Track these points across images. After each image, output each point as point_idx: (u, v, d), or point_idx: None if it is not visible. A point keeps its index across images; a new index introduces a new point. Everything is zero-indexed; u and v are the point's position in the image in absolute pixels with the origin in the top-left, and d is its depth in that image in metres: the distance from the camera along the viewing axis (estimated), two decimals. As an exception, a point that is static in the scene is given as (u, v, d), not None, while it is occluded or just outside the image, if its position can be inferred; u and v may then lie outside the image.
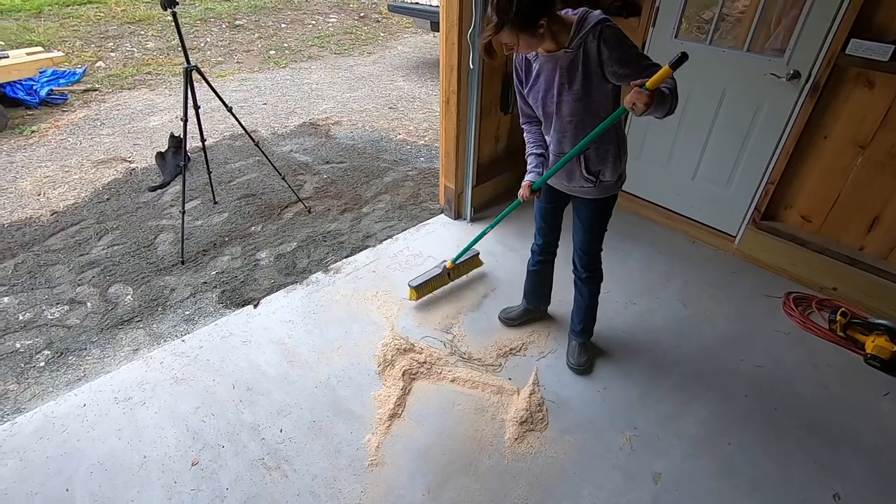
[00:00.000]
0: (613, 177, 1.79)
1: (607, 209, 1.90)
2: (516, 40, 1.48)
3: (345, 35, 7.44)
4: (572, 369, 2.21)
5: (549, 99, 1.67)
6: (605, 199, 1.86)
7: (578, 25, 1.50)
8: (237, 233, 3.09)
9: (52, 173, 3.71)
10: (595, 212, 1.89)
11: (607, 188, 1.82)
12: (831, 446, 1.94)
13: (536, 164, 1.91)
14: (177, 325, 2.44)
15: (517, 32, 1.46)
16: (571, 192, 1.90)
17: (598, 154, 1.73)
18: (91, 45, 6.25)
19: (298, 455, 1.86)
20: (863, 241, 2.50)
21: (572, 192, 1.89)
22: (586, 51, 1.51)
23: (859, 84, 2.26)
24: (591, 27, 1.48)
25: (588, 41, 1.49)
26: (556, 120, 1.70)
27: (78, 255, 2.88)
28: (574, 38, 1.51)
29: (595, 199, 1.85)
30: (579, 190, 1.84)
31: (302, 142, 4.28)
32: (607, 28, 1.48)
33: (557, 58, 1.56)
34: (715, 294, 2.65)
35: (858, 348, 2.32)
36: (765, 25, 2.46)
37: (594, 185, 1.79)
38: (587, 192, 1.84)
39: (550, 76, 1.62)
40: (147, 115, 4.72)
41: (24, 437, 1.89)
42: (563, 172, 1.81)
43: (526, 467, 1.84)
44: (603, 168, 1.75)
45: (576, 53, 1.52)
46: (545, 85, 1.66)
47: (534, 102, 1.74)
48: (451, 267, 2.54)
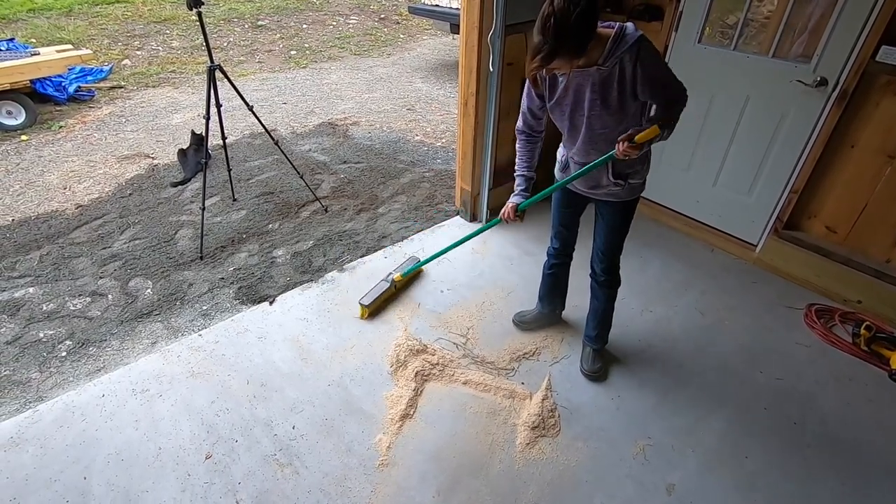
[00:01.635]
0: (641, 178, 1.78)
1: (632, 210, 1.89)
2: (568, 66, 1.43)
3: (365, 36, 7.50)
4: (585, 376, 2.19)
5: (579, 113, 1.63)
6: (629, 201, 1.85)
7: (615, 43, 1.46)
8: (255, 230, 3.13)
9: (78, 168, 3.80)
10: (621, 213, 1.87)
11: (635, 189, 1.81)
12: (854, 464, 1.88)
13: (525, 186, 1.91)
14: (194, 319, 2.48)
15: (570, 57, 1.40)
16: (597, 197, 1.87)
17: (624, 166, 1.72)
18: (118, 43, 6.39)
19: (310, 452, 1.87)
20: (890, 253, 2.43)
21: (598, 196, 1.86)
22: (622, 69, 1.48)
23: (889, 92, 2.21)
24: (629, 46, 1.45)
25: (625, 60, 1.47)
26: (586, 132, 1.66)
27: (100, 249, 2.94)
28: (610, 56, 1.47)
29: (620, 201, 1.83)
30: (606, 194, 1.82)
31: (320, 141, 4.32)
32: (644, 49, 1.45)
33: (589, 74, 1.52)
34: (734, 304, 2.60)
35: (883, 363, 2.26)
36: (791, 31, 2.42)
37: (622, 187, 1.77)
38: (615, 196, 1.82)
39: (581, 91, 1.58)
40: (170, 112, 4.81)
41: (44, 425, 1.93)
42: (587, 181, 1.80)
43: (537, 473, 1.83)
44: (632, 170, 1.74)
45: (610, 71, 1.49)
46: (574, 99, 1.61)
47: (559, 116, 1.71)
48: (399, 279, 2.55)
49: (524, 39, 2.83)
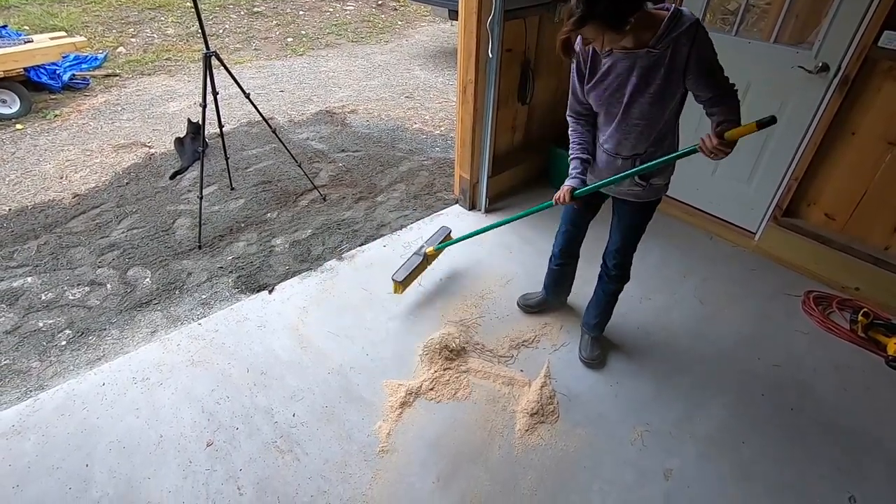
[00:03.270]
0: (664, 179, 1.73)
1: (652, 210, 1.83)
2: (600, 37, 1.35)
3: (362, 23, 7.41)
4: (584, 363, 2.20)
5: (618, 98, 1.55)
6: (651, 202, 1.80)
7: (670, 25, 1.37)
8: (253, 219, 3.11)
9: (74, 157, 3.77)
10: (640, 214, 1.83)
11: (657, 191, 1.76)
12: (850, 450, 1.90)
13: (581, 169, 1.76)
14: (193, 308, 2.48)
15: (603, 29, 1.32)
16: (617, 195, 1.82)
17: (654, 159, 1.64)
18: (112, 30, 6.31)
19: (310, 439, 1.88)
20: (889, 240, 2.43)
21: (619, 195, 1.81)
22: (675, 53, 1.39)
23: (891, 78, 2.19)
24: (686, 29, 1.36)
25: (680, 43, 1.38)
26: (622, 120, 1.58)
27: (98, 238, 2.93)
28: (663, 38, 1.38)
29: (641, 201, 1.78)
30: (627, 193, 1.77)
31: (318, 129, 4.29)
32: (702, 32, 1.37)
33: (637, 56, 1.44)
34: (733, 292, 2.61)
35: (880, 350, 2.27)
36: (792, 16, 2.39)
37: (644, 188, 1.71)
38: (636, 196, 1.76)
39: (625, 75, 1.49)
40: (166, 100, 4.76)
41: (46, 414, 1.94)
42: (611, 176, 1.72)
43: (536, 459, 1.84)
44: (657, 172, 1.68)
45: (662, 54, 1.41)
46: (616, 83, 1.53)
47: (596, 99, 1.61)
48: (432, 253, 2.49)
49: (523, 25, 2.80)
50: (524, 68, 2.98)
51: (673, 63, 1.41)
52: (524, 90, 3.04)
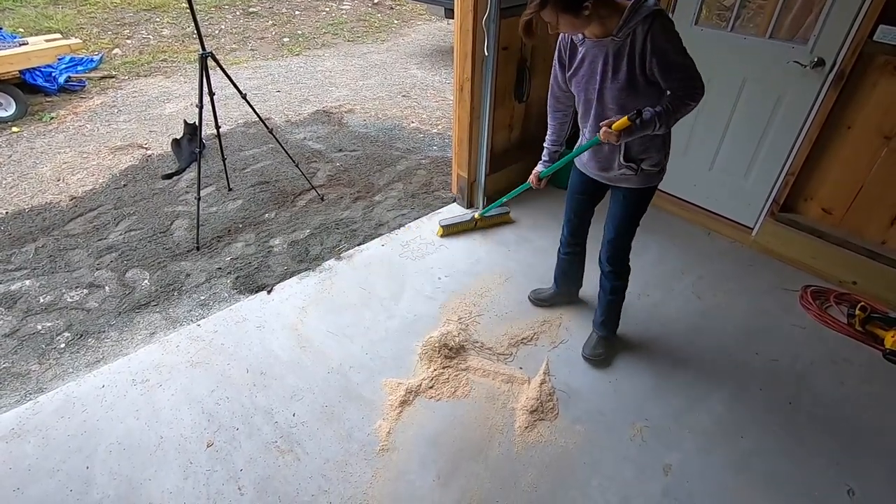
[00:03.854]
0: (657, 165, 1.73)
1: (644, 200, 1.83)
2: (557, 20, 1.43)
3: (358, 22, 7.40)
4: (584, 358, 2.20)
5: (592, 86, 1.61)
6: (643, 189, 1.80)
7: (630, 13, 1.43)
8: (251, 219, 3.11)
9: (71, 159, 3.76)
10: (632, 202, 1.83)
11: (649, 177, 1.76)
12: (848, 443, 1.91)
13: (548, 158, 1.99)
14: (192, 309, 2.48)
15: (558, 12, 1.40)
16: (610, 182, 1.85)
17: (640, 142, 1.66)
18: (108, 32, 6.29)
19: (311, 439, 1.88)
20: (885, 234, 2.44)
21: (611, 181, 1.83)
22: (633, 41, 1.45)
23: (887, 72, 2.19)
24: (643, 18, 1.41)
25: (636, 33, 1.43)
26: (597, 106, 1.64)
27: (96, 240, 2.93)
28: (623, 27, 1.44)
29: (633, 188, 1.79)
30: (619, 178, 1.78)
31: (315, 129, 4.28)
32: (658, 23, 1.40)
33: (605, 44, 1.50)
34: (731, 287, 2.61)
35: (878, 343, 2.28)
36: (788, 12, 2.40)
37: (635, 172, 1.72)
38: (627, 181, 1.78)
39: (595, 62, 1.56)
40: (163, 101, 4.76)
41: (45, 416, 1.94)
42: (599, 163, 1.77)
43: (536, 456, 1.85)
44: (646, 155, 1.69)
45: (623, 42, 1.46)
46: (589, 71, 1.59)
47: (575, 87, 1.69)
48: (478, 218, 2.89)
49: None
50: (520, 66, 2.98)
51: (632, 51, 1.46)
52: (521, 88, 3.04)
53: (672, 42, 1.44)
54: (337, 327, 2.35)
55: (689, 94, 1.48)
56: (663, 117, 1.49)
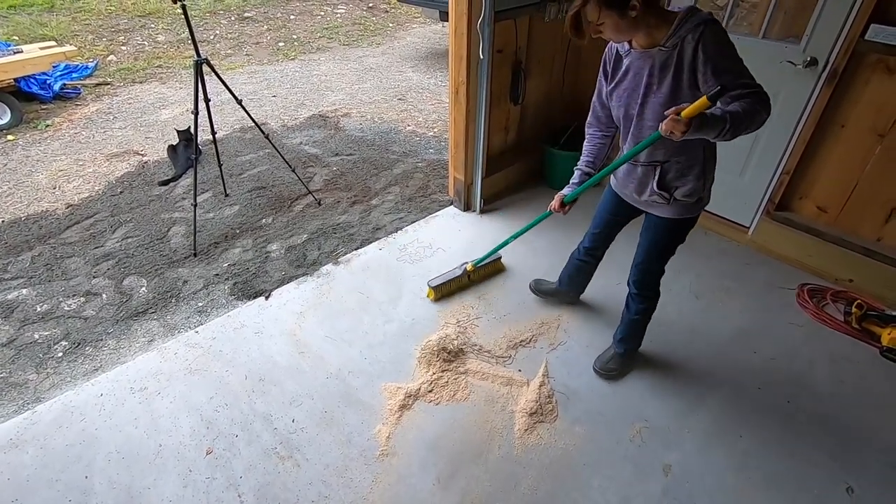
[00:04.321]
0: (692, 196, 1.62)
1: (679, 231, 1.74)
2: (602, 18, 1.33)
3: (353, 26, 7.40)
4: (595, 371, 2.15)
5: (634, 100, 1.53)
6: (676, 220, 1.70)
7: (680, 22, 1.36)
8: (248, 225, 3.11)
9: (67, 167, 3.75)
10: (663, 230, 1.74)
11: (682, 208, 1.66)
12: (846, 440, 1.92)
13: (578, 181, 1.82)
14: (190, 316, 2.47)
15: (603, 8, 1.31)
16: (641, 206, 1.78)
17: (677, 169, 1.58)
18: (102, 38, 6.29)
19: (310, 444, 1.88)
20: (880, 231, 2.45)
21: (641, 205, 1.76)
22: (682, 52, 1.37)
23: (879, 70, 2.21)
24: (694, 26, 1.34)
25: (686, 41, 1.35)
26: (637, 124, 1.56)
27: (93, 248, 2.92)
28: (672, 36, 1.36)
29: (665, 217, 1.71)
30: (649, 203, 1.71)
31: (311, 134, 4.29)
32: (710, 30, 1.32)
33: (651, 55, 1.43)
34: (728, 286, 2.62)
35: (875, 341, 2.29)
36: (781, 11, 2.41)
37: (667, 202, 1.64)
38: (659, 210, 1.70)
39: (639, 75, 1.48)
40: (158, 108, 4.75)
41: (44, 426, 1.93)
42: (633, 185, 1.69)
43: (536, 458, 1.85)
44: (680, 185, 1.60)
45: (670, 53, 1.38)
46: (632, 84, 1.52)
47: (616, 102, 1.60)
48: (471, 270, 2.51)
49: (513, 26, 2.81)
50: (515, 69, 2.99)
51: (680, 61, 1.37)
52: (516, 90, 3.05)
53: (725, 48, 1.35)
54: (335, 332, 2.35)
55: (758, 101, 1.31)
56: (735, 120, 1.29)
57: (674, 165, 1.58)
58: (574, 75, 3.41)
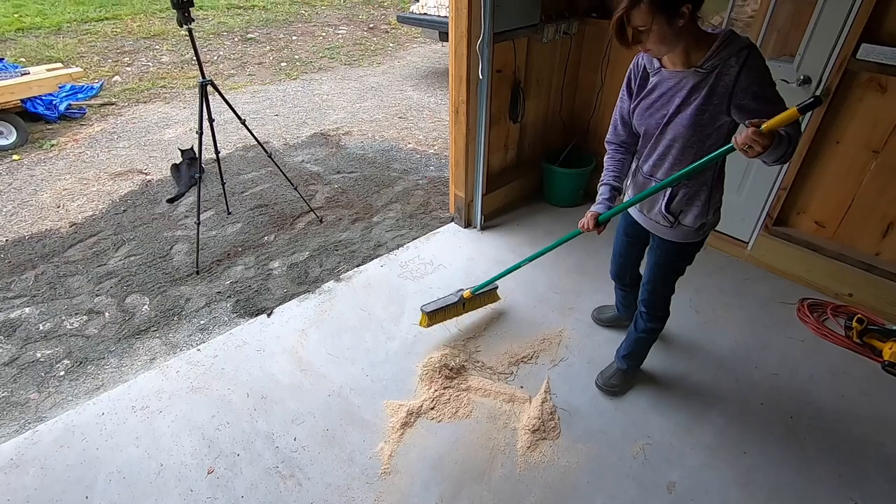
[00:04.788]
0: (695, 223, 1.61)
1: (685, 255, 1.75)
2: (649, 23, 1.28)
3: (354, 46, 7.53)
4: (597, 386, 2.14)
5: (657, 119, 1.51)
6: (679, 244, 1.70)
7: (722, 44, 1.34)
8: (250, 243, 3.13)
9: (71, 186, 3.79)
10: (668, 253, 1.74)
11: (685, 233, 1.66)
12: (851, 456, 1.91)
13: (608, 196, 1.71)
14: (192, 334, 2.48)
15: (654, 12, 1.26)
16: (647, 225, 1.76)
17: (685, 193, 1.58)
18: (108, 60, 6.40)
19: (312, 463, 1.87)
20: (878, 246, 2.47)
21: (647, 224, 1.75)
22: (721, 74, 1.34)
23: (871, 88, 2.25)
24: (738, 49, 1.32)
25: (729, 64, 1.33)
26: (658, 140, 1.54)
27: (96, 266, 2.94)
28: (712, 57, 1.34)
29: (668, 239, 1.71)
30: (656, 227, 1.71)
31: (313, 152, 4.34)
32: (756, 56, 1.32)
33: (684, 76, 1.41)
34: (728, 301, 2.63)
35: (876, 355, 2.29)
36: (774, 31, 2.46)
37: (671, 225, 1.64)
38: (663, 232, 1.70)
39: (669, 94, 1.46)
40: (162, 127, 4.81)
41: (45, 446, 1.92)
42: (644, 202, 1.69)
43: (538, 476, 1.84)
44: (686, 210, 1.60)
45: (708, 74, 1.37)
46: (659, 102, 1.49)
47: (638, 117, 1.58)
48: (468, 297, 2.37)
49: (512, 47, 2.87)
50: (514, 88, 3.04)
51: (718, 83, 1.36)
52: (515, 109, 3.10)
53: (767, 75, 1.33)
54: (337, 349, 2.35)
55: (798, 133, 1.32)
56: (792, 144, 1.29)
57: (682, 189, 1.58)
58: (572, 94, 3.47)
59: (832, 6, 2.21)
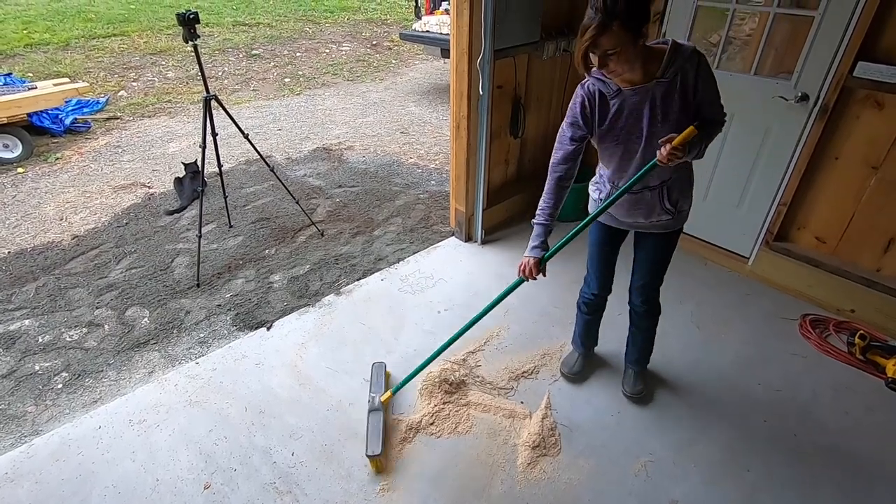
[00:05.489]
0: (689, 205, 1.77)
1: (677, 241, 1.84)
2: (618, 45, 1.34)
3: (357, 63, 7.63)
4: (628, 398, 2.15)
5: (635, 135, 1.57)
6: (678, 231, 1.81)
7: (673, 54, 1.45)
8: (251, 256, 3.14)
9: (74, 198, 3.82)
10: (668, 245, 1.83)
11: (682, 218, 1.77)
12: (855, 473, 1.88)
13: (544, 238, 1.72)
14: (191, 347, 2.47)
15: (623, 33, 1.33)
16: (644, 229, 1.81)
17: (679, 184, 1.68)
18: (114, 75, 6.49)
19: (310, 479, 1.85)
20: (879, 262, 2.46)
21: (646, 228, 1.80)
22: (684, 80, 1.47)
23: (868, 106, 2.27)
24: (689, 56, 1.45)
25: (686, 69, 1.46)
26: (644, 153, 1.58)
27: (97, 279, 2.94)
28: (669, 67, 1.46)
29: (669, 231, 1.79)
30: (656, 225, 1.77)
31: (315, 166, 4.37)
32: (703, 59, 1.47)
33: (648, 89, 1.49)
34: (729, 316, 2.62)
35: (879, 372, 2.27)
36: (771, 49, 2.49)
37: (672, 216, 1.72)
38: (664, 226, 1.77)
39: (638, 110, 1.53)
40: (166, 141, 4.86)
41: (40, 460, 1.91)
42: (640, 210, 1.72)
43: (539, 493, 1.81)
44: (682, 198, 1.71)
45: (671, 81, 1.47)
46: (631, 121, 1.55)
47: (612, 142, 1.61)
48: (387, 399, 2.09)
49: (513, 63, 2.91)
50: (515, 104, 3.08)
51: (684, 88, 1.48)
52: (516, 125, 3.13)
53: (713, 75, 1.52)
54: (336, 363, 2.34)
55: (721, 122, 1.58)
56: (706, 143, 1.53)
57: (676, 182, 1.69)
58: (572, 110, 3.50)
59: (829, 24, 2.24)
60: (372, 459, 1.87)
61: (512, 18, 2.68)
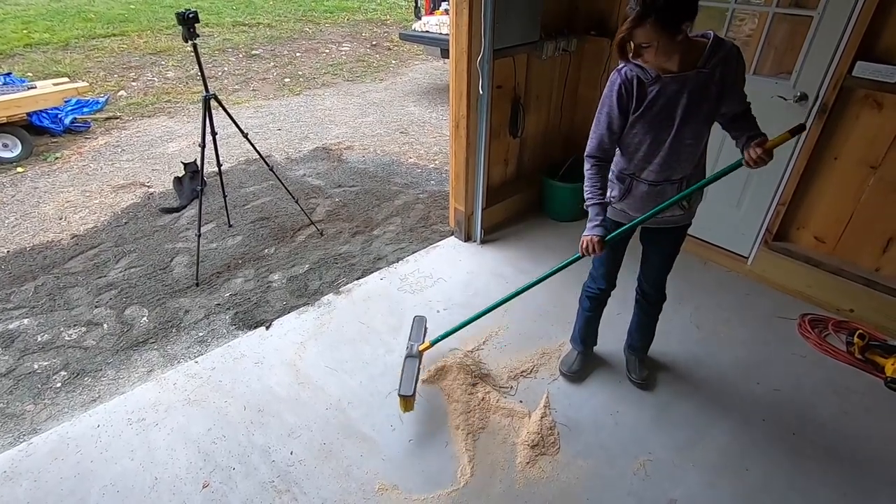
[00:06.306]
0: (700, 201, 1.81)
1: (685, 235, 1.90)
2: (655, 40, 1.38)
3: (357, 63, 7.64)
4: (637, 385, 2.21)
5: (669, 122, 1.57)
6: (687, 224, 1.86)
7: (714, 47, 1.48)
8: (251, 255, 3.14)
9: (74, 198, 3.82)
10: (678, 239, 1.89)
11: (692, 213, 1.83)
12: (854, 473, 1.88)
13: (604, 216, 1.70)
14: (190, 346, 2.47)
15: (659, 30, 1.36)
16: (657, 225, 1.82)
17: (696, 180, 1.71)
18: (114, 75, 6.49)
19: (308, 478, 1.85)
20: (878, 262, 2.46)
21: (658, 223, 1.80)
22: (724, 72, 1.50)
23: (867, 105, 2.27)
24: (732, 52, 1.50)
25: (728, 63, 1.50)
26: (674, 143, 1.59)
27: (96, 278, 2.94)
28: (711, 59, 1.49)
29: (682, 225, 1.85)
30: (669, 220, 1.80)
31: (315, 166, 4.37)
32: (741, 53, 1.52)
33: (687, 78, 1.50)
34: (728, 316, 2.62)
35: (878, 371, 2.27)
36: (771, 49, 2.50)
37: (685, 211, 1.77)
38: (676, 221, 1.81)
39: (676, 98, 1.53)
40: (166, 141, 4.86)
41: (38, 458, 1.90)
42: (657, 203, 1.70)
43: (537, 492, 1.81)
44: (697, 194, 1.74)
45: (711, 73, 1.50)
46: (667, 108, 1.55)
47: (641, 129, 1.61)
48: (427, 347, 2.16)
49: (512, 63, 2.91)
50: (514, 104, 3.08)
51: (723, 81, 1.51)
52: (515, 124, 3.13)
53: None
54: (336, 362, 2.34)
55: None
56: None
57: (695, 175, 1.72)
58: (571, 110, 3.50)
59: (828, 24, 2.25)
60: (403, 399, 1.96)
61: (511, 18, 2.69)
